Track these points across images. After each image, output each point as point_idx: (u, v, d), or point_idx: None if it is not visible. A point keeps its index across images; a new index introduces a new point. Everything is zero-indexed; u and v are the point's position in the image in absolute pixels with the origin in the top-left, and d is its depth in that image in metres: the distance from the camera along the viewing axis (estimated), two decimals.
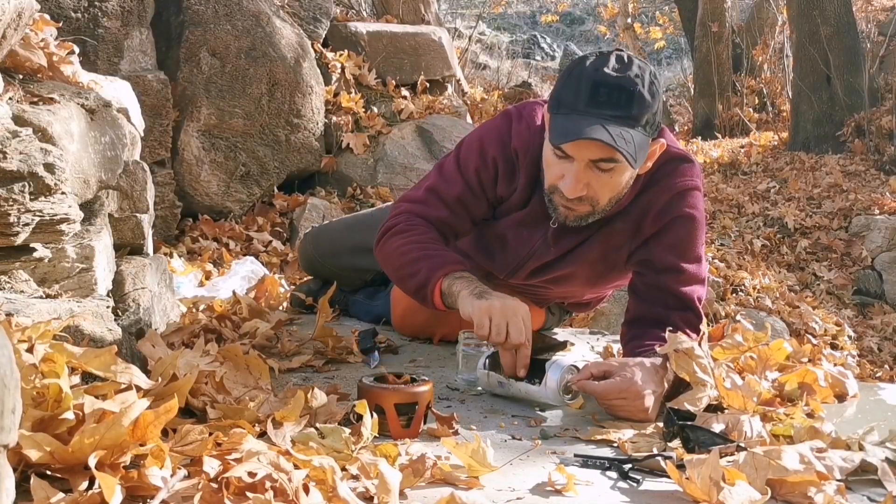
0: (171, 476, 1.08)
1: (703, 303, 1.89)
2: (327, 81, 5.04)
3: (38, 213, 1.52)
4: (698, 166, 1.96)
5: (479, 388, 1.83)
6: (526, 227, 1.98)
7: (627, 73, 1.70)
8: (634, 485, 1.32)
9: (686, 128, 10.97)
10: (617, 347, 2.20)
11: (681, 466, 1.29)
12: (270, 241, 4.35)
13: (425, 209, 1.96)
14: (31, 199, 1.50)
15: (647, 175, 1.87)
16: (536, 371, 1.72)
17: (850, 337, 5.14)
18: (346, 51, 5.30)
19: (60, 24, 2.17)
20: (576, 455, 1.44)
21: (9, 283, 1.58)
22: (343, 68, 5.22)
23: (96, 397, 1.14)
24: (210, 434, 1.20)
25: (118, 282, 1.92)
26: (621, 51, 1.76)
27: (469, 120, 5.87)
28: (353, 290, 2.56)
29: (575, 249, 1.98)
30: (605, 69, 1.70)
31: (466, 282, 1.79)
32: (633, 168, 1.75)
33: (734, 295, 5.16)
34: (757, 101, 10.50)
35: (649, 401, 1.64)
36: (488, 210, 1.99)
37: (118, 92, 2.31)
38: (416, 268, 1.85)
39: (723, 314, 4.76)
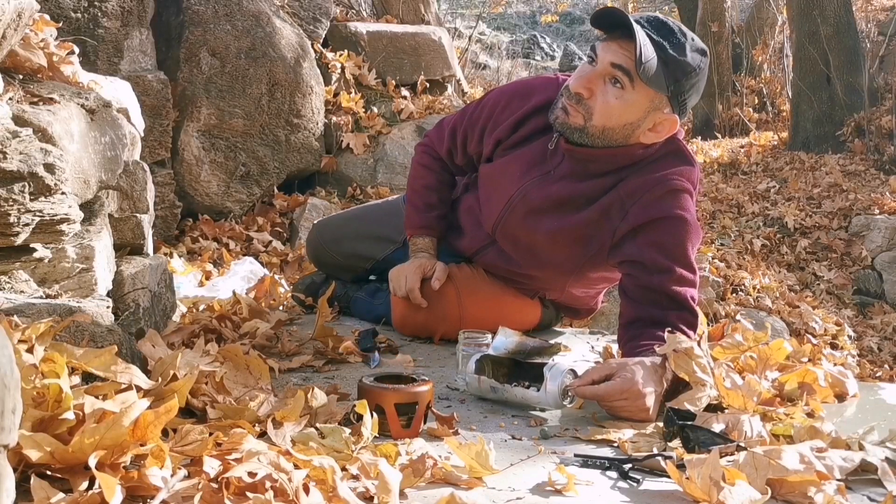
0: (171, 476, 1.08)
1: (696, 302, 1.89)
2: (327, 81, 5.04)
3: (38, 214, 1.52)
4: (698, 171, 1.98)
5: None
6: (520, 164, 2.09)
7: (688, 42, 1.84)
8: (634, 485, 1.32)
9: (686, 127, 10.90)
10: (616, 348, 2.19)
11: (681, 466, 1.29)
12: (270, 242, 4.35)
13: (433, 142, 2.37)
14: (31, 200, 1.49)
15: (650, 153, 1.94)
16: (534, 376, 1.70)
17: (850, 337, 5.14)
18: (346, 51, 5.30)
19: (60, 25, 2.17)
20: (576, 455, 1.44)
21: (9, 283, 1.58)
22: (343, 68, 5.22)
23: (96, 397, 1.14)
24: (210, 434, 1.20)
25: (118, 282, 1.92)
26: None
27: None
28: (355, 282, 2.56)
29: (563, 204, 2.03)
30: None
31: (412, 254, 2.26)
32: (644, 82, 1.82)
33: (734, 295, 5.16)
34: (757, 101, 10.50)
35: (650, 400, 1.64)
36: (480, 142, 2.20)
37: (118, 92, 2.31)
38: (406, 207, 2.37)
39: (723, 314, 4.76)
